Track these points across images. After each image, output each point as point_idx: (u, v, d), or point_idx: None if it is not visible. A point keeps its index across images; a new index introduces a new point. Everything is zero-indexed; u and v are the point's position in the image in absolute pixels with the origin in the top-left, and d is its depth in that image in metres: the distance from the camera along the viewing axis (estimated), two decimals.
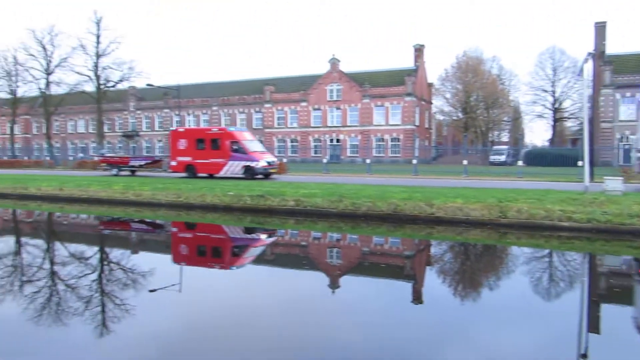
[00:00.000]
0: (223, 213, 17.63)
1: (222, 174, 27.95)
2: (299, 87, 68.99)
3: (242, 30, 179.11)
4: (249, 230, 15.57)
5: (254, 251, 12.77)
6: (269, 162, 27.78)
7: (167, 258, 12.13)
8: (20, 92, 67.38)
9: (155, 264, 10.82)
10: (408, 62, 67.19)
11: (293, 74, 72.51)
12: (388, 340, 6.23)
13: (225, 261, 11.61)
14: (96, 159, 44.06)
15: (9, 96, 68.03)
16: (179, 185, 21.95)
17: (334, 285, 9.09)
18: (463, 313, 7.50)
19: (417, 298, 8.42)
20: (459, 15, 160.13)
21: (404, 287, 9.23)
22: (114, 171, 32.34)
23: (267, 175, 27.72)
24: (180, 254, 12.50)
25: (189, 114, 74.23)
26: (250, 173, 27.00)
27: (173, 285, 8.78)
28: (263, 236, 14.80)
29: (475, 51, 76.66)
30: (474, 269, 10.79)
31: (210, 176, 28.55)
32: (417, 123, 64.29)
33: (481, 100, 73.35)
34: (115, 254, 12.42)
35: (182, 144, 29.57)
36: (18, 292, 8.42)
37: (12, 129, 70.38)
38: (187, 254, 12.54)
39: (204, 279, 9.73)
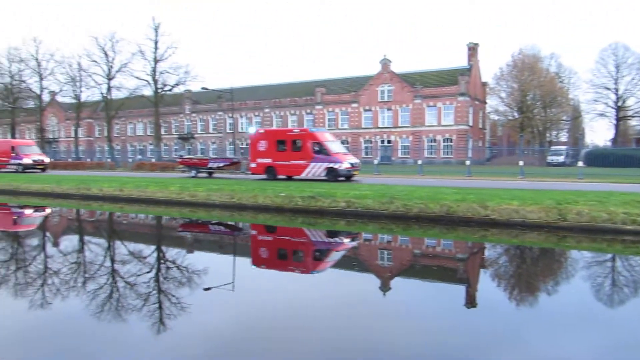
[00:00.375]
0: (275, 214, 17.86)
1: (303, 175, 26.93)
2: (349, 89, 69.04)
3: (246, 30, 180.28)
4: (327, 234, 15.52)
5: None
6: (352, 164, 26.41)
7: (224, 258, 12.43)
8: (83, 97, 71.30)
9: (212, 263, 11.12)
10: (461, 61, 65.98)
11: (344, 75, 72.70)
12: (441, 345, 6.15)
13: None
14: (159, 160, 45.38)
15: (73, 101, 71.94)
16: (232, 186, 22.40)
17: (385, 287, 9.04)
18: (519, 319, 7.29)
19: (471, 302, 8.25)
20: (515, 12, 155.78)
21: (458, 291, 9.06)
22: (193, 173, 31.83)
23: (349, 178, 26.40)
24: (239, 254, 12.77)
25: (241, 117, 75.66)
26: (333, 175, 25.63)
27: (230, 283, 8.99)
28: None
29: (532, 49, 74.12)
30: (531, 273, 10.45)
31: (289, 178, 27.72)
32: (470, 123, 62.93)
33: (538, 99, 70.78)
34: (171, 253, 12.85)
35: (262, 145, 28.32)
36: (93, 289, 8.87)
37: (76, 132, 74.28)
38: (246, 254, 12.79)
39: (257, 278, 9.89)
